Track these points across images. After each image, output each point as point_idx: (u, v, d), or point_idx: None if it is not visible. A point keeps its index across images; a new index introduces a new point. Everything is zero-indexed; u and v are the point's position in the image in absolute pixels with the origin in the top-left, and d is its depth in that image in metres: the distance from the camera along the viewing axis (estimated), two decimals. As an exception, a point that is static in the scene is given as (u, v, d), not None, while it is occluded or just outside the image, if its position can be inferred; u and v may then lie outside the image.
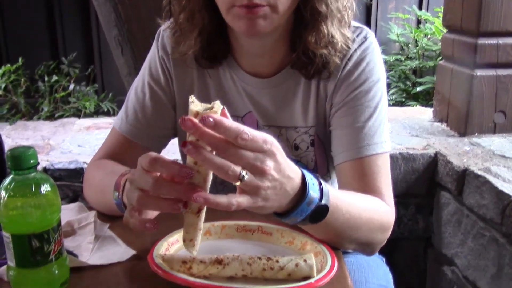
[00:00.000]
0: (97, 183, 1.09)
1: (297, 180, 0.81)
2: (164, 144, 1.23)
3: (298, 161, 1.18)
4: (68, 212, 1.06)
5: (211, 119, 0.71)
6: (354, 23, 1.13)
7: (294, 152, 1.17)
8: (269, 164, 0.76)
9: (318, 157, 1.18)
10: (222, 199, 0.74)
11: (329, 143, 1.14)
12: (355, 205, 0.96)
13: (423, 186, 2.00)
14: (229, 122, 0.72)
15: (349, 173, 1.08)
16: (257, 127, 1.17)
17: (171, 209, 0.77)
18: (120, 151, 1.18)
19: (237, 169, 0.74)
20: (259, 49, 1.11)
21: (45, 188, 0.78)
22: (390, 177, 1.09)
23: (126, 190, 0.86)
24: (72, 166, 1.93)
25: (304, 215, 0.84)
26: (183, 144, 0.73)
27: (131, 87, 1.23)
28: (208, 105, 0.75)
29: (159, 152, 1.21)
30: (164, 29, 1.18)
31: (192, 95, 0.77)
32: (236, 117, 1.17)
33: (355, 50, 1.09)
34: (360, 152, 1.07)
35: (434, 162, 1.96)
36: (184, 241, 0.82)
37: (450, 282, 1.90)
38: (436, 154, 1.96)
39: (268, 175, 0.76)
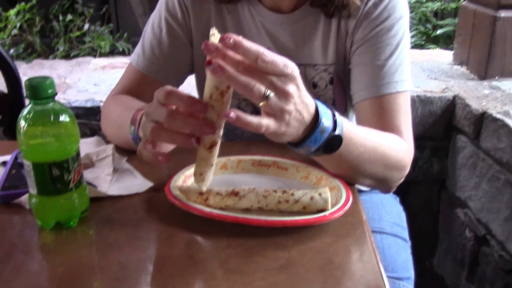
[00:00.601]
0: (115, 118, 1.10)
1: (312, 108, 0.81)
2: (181, 81, 1.23)
3: (316, 99, 1.17)
4: (87, 146, 1.08)
5: (231, 39, 0.70)
6: None
7: (312, 90, 1.16)
8: (292, 88, 0.75)
9: (336, 95, 1.17)
10: (253, 119, 0.73)
11: (348, 81, 1.13)
12: (370, 139, 0.95)
13: (440, 129, 1.98)
14: (249, 43, 0.71)
15: (368, 111, 1.07)
16: None
17: (184, 142, 0.76)
18: (136, 86, 1.18)
19: (262, 87, 0.72)
20: None
21: (64, 118, 0.79)
22: (410, 116, 1.08)
23: (142, 122, 0.86)
24: (88, 105, 1.94)
25: (318, 143, 0.83)
26: (207, 63, 0.71)
27: (147, 23, 1.22)
28: None
29: (175, 88, 1.21)
30: None
31: (214, 27, 0.75)
32: (253, 53, 1.15)
33: None
34: (380, 90, 1.05)
35: (452, 105, 1.93)
36: (194, 174, 0.82)
37: (462, 224, 1.92)
38: (454, 97, 1.93)
39: (292, 99, 0.75)
